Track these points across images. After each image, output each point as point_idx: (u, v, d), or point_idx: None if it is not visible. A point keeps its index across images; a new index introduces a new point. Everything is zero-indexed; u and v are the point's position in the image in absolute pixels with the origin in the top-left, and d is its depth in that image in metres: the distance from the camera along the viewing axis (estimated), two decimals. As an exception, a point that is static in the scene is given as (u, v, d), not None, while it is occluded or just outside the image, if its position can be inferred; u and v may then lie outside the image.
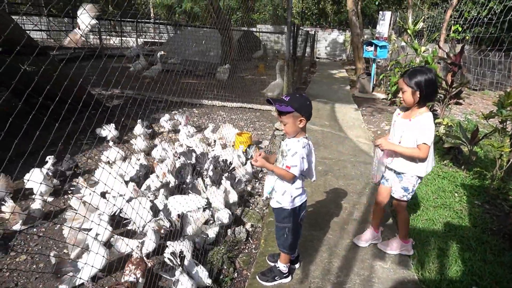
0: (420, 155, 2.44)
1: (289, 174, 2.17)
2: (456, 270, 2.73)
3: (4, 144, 1.57)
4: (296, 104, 2.13)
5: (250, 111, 7.60)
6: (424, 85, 2.36)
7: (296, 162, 2.15)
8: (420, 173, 2.56)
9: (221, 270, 2.64)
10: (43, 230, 3.08)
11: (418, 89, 2.38)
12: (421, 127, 2.41)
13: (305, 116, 2.17)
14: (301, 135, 2.24)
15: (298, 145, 2.18)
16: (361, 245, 2.99)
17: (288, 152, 2.19)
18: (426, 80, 2.36)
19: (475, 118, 7.66)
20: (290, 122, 2.17)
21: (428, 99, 2.44)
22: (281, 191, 2.28)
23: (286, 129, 2.22)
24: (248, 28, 15.81)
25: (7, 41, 1.78)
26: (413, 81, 2.38)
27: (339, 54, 23.93)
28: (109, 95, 7.61)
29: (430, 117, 2.43)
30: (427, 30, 10.52)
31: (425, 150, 2.41)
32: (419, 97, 2.40)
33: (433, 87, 2.41)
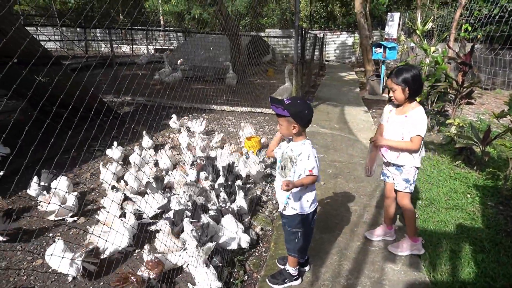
0: (413, 147, 2.60)
1: (314, 177, 2.18)
2: (469, 272, 2.69)
3: (20, 151, 1.63)
4: (292, 110, 2.13)
5: (259, 115, 7.63)
6: (412, 81, 2.53)
7: (313, 164, 2.17)
8: (417, 164, 2.69)
9: (231, 273, 2.66)
10: (58, 235, 3.15)
11: (407, 86, 2.54)
12: (414, 121, 2.58)
13: (299, 123, 2.17)
14: (303, 138, 2.25)
15: (307, 147, 2.20)
16: (373, 239, 3.07)
17: (299, 157, 2.19)
18: (412, 76, 2.53)
19: (488, 118, 7.54)
20: (284, 125, 2.22)
21: (416, 93, 2.62)
22: (297, 197, 2.28)
23: (280, 130, 2.28)
24: (256, 33, 15.90)
25: (24, 53, 1.85)
26: (400, 79, 2.55)
27: (348, 57, 23.83)
28: (120, 102, 7.75)
29: (422, 111, 2.61)
30: (437, 30, 10.42)
31: (418, 141, 2.57)
32: (408, 93, 2.57)
33: (419, 82, 2.58)
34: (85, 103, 1.79)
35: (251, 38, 12.51)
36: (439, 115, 6.43)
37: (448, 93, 6.33)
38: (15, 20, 3.42)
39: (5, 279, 2.59)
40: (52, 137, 1.66)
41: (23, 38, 3.72)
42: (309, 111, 2.18)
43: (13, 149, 1.61)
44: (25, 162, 1.63)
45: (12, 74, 1.80)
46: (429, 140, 5.99)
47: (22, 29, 4.24)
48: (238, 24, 13.87)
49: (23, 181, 3.70)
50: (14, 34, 3.52)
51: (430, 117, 6.58)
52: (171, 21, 26.64)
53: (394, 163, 2.76)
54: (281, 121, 2.22)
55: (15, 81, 1.74)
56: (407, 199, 2.83)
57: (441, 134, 6.21)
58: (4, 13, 3.49)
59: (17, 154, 1.63)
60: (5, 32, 2.63)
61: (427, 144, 5.65)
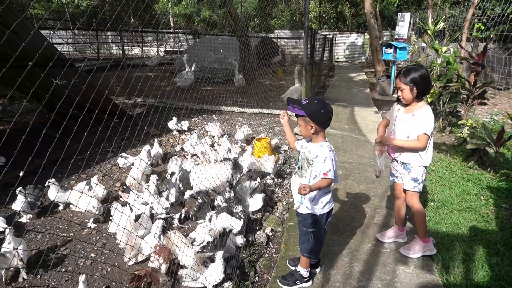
0: (419, 145, 2.61)
1: (329, 180, 2.17)
2: (482, 275, 2.65)
3: (36, 153, 1.67)
4: (309, 110, 2.14)
5: (269, 116, 7.64)
6: (420, 80, 2.55)
7: (330, 167, 2.16)
8: (424, 163, 2.69)
9: (243, 273, 2.67)
10: (72, 235, 3.20)
11: (415, 86, 2.56)
12: (421, 119, 2.59)
13: (316, 123, 2.16)
14: (321, 139, 2.24)
15: (325, 150, 2.19)
16: (384, 241, 3.05)
17: (316, 159, 2.19)
18: (420, 75, 2.54)
19: (501, 118, 7.42)
20: (302, 125, 2.24)
21: (424, 92, 2.64)
22: (311, 198, 2.28)
23: (300, 131, 2.29)
24: (266, 34, 15.92)
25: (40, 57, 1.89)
26: (409, 78, 2.56)
27: (358, 57, 23.71)
28: (132, 103, 7.84)
29: (430, 110, 2.62)
30: (449, 30, 10.27)
31: (424, 140, 2.58)
32: (416, 92, 2.59)
33: (427, 81, 2.60)
34: (100, 105, 1.82)
35: (260, 39, 12.52)
36: (451, 115, 6.36)
37: (460, 93, 6.25)
38: (29, 24, 3.50)
39: (21, 278, 2.64)
40: (69, 138, 1.69)
41: (38, 41, 3.81)
42: (326, 111, 2.17)
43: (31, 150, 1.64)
44: (43, 163, 1.66)
45: (28, 77, 1.84)
46: (441, 141, 5.92)
47: (37, 33, 4.33)
48: (248, 26, 13.90)
49: (41, 182, 3.76)
50: (31, 38, 3.60)
51: (441, 118, 6.50)
52: (181, 23, 26.83)
53: (399, 159, 2.80)
54: (299, 121, 2.24)
55: (31, 84, 1.78)
56: (416, 198, 2.82)
57: (453, 135, 6.14)
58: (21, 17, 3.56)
59: (34, 155, 1.67)
60: (22, 36, 2.69)
61: (439, 145, 5.59)
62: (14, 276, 2.62)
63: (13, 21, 2.62)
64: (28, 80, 1.78)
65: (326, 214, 2.33)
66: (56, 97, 1.93)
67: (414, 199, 2.83)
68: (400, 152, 2.77)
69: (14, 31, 3.60)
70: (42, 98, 5.02)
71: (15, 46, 1.96)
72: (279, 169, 4.64)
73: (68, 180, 4.19)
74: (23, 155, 1.65)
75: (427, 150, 2.66)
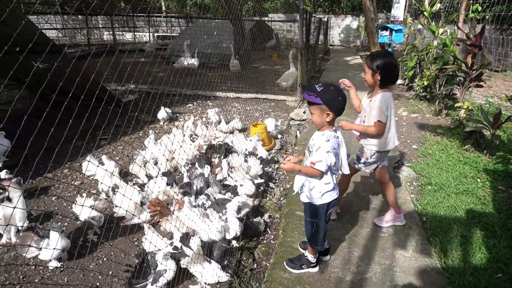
0: (372, 131, 2.66)
1: (315, 170, 2.10)
2: (480, 257, 2.66)
3: (21, 142, 1.59)
4: (325, 97, 2.04)
5: (264, 101, 7.55)
6: (383, 67, 2.56)
7: (320, 157, 2.08)
8: (375, 148, 2.75)
9: (240, 261, 2.65)
10: (66, 224, 3.15)
11: (378, 71, 2.58)
12: (375, 106, 2.63)
13: (333, 111, 2.08)
14: (327, 128, 2.16)
15: (322, 139, 2.11)
16: (382, 225, 3.06)
17: (313, 148, 2.14)
18: (385, 63, 2.55)
19: (497, 101, 7.40)
20: (316, 114, 2.12)
21: (388, 81, 2.63)
22: (311, 186, 2.23)
23: (313, 119, 2.17)
24: (260, 18, 15.63)
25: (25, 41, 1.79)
26: (374, 63, 2.58)
27: (353, 41, 23.47)
28: (124, 90, 7.69)
29: (384, 96, 2.61)
30: (445, 11, 10.13)
31: (378, 127, 2.62)
32: (379, 79, 2.59)
33: (392, 70, 2.60)
34: (86, 90, 1.73)
35: (254, 23, 12.29)
36: (447, 98, 6.32)
37: (456, 75, 6.19)
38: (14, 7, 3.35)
39: (15, 270, 2.60)
40: (53, 126, 1.61)
41: (25, 27, 3.66)
42: (343, 98, 2.08)
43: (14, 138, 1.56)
44: (24, 153, 1.59)
45: (14, 63, 1.75)
46: (437, 124, 5.89)
47: (21, 16, 4.17)
48: (241, 9, 13.63)
49: (27, 171, 3.69)
50: (14, 21, 3.46)
51: (438, 101, 6.46)
52: (173, 7, 26.28)
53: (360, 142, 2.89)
54: (313, 110, 2.12)
55: (18, 70, 1.69)
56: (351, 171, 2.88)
57: (450, 118, 6.11)
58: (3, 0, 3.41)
59: (19, 144, 1.59)
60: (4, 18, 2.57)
61: (435, 128, 5.56)
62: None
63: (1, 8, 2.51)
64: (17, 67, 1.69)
65: (327, 204, 2.26)
66: (43, 82, 1.84)
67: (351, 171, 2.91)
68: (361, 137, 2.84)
69: None
70: (31, 85, 4.88)
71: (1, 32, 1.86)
72: (276, 154, 4.59)
73: (61, 169, 4.10)
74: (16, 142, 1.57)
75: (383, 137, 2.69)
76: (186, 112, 6.56)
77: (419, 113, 6.59)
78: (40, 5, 14.10)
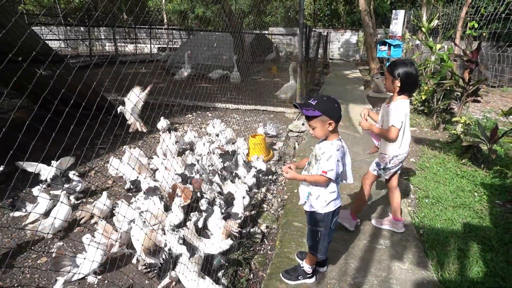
0: (388, 135, 2.74)
1: (324, 178, 2.12)
2: (477, 271, 2.65)
3: (22, 148, 1.61)
4: (323, 108, 2.08)
5: (264, 113, 7.60)
6: (403, 75, 2.65)
7: (332, 166, 2.11)
8: (392, 152, 2.85)
9: (236, 271, 2.64)
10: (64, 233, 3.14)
11: (398, 79, 2.67)
12: (391, 111, 2.72)
13: (334, 119, 2.11)
14: (334, 137, 2.18)
15: (332, 148, 2.13)
16: (378, 226, 3.22)
17: (322, 156, 2.15)
18: (406, 71, 2.64)
19: (494, 116, 7.46)
20: (318, 126, 2.13)
21: (408, 89, 2.73)
22: (316, 195, 2.24)
23: (315, 133, 2.17)
24: (260, 31, 15.84)
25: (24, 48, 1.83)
26: (394, 71, 2.68)
27: (352, 55, 23.74)
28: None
29: (402, 103, 2.71)
30: (442, 27, 10.31)
31: (392, 131, 2.71)
32: (399, 86, 2.69)
33: (411, 78, 2.67)
34: (86, 98, 1.76)
35: (255, 36, 12.45)
36: (445, 112, 6.37)
37: (454, 90, 6.27)
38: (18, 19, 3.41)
39: (9, 277, 2.58)
40: (54, 133, 1.63)
41: (28, 37, 3.73)
42: (338, 105, 2.13)
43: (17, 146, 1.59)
44: (24, 159, 1.60)
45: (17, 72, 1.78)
46: (435, 138, 5.93)
47: (25, 27, 4.24)
48: (242, 22, 13.82)
49: (26, 179, 3.69)
50: (17, 31, 3.52)
51: (435, 115, 6.52)
52: (174, 19, 26.64)
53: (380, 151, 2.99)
54: (314, 123, 2.13)
55: (21, 78, 1.72)
56: (369, 180, 3.07)
57: (447, 132, 6.15)
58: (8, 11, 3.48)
59: (20, 151, 1.61)
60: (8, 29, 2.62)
61: (433, 142, 5.60)
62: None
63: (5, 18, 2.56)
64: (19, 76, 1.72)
65: (332, 213, 2.27)
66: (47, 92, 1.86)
67: (366, 180, 3.08)
68: (379, 140, 2.97)
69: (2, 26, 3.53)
70: (32, 94, 4.93)
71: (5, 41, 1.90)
72: (274, 166, 4.60)
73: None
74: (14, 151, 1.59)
75: (397, 141, 2.79)
76: (185, 123, 6.59)
77: (417, 127, 6.63)
78: (43, 16, 14.29)
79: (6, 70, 1.71)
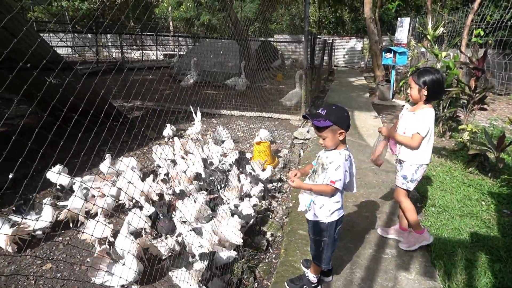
0: (411, 143, 2.69)
1: (331, 188, 2.11)
2: (485, 282, 2.61)
3: (30, 155, 1.63)
4: (333, 117, 2.07)
5: (268, 120, 7.61)
6: (430, 84, 2.60)
7: (340, 176, 2.09)
8: (418, 162, 2.77)
9: (241, 280, 2.62)
10: (68, 239, 3.15)
11: (425, 87, 2.61)
12: (417, 119, 2.67)
13: (344, 128, 2.10)
14: (342, 147, 2.18)
15: (341, 158, 2.12)
16: (384, 236, 3.15)
17: (330, 165, 2.13)
18: (433, 80, 2.59)
19: (501, 124, 7.41)
20: (329, 136, 2.11)
21: (434, 97, 2.70)
22: (319, 205, 2.22)
23: (325, 143, 2.16)
24: (265, 38, 15.94)
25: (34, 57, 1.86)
26: (421, 79, 2.62)
27: (357, 62, 23.76)
28: (130, 106, 7.80)
29: (429, 112, 2.66)
30: (448, 35, 10.30)
31: (416, 139, 2.66)
32: (426, 94, 2.63)
33: (438, 86, 2.64)
34: (95, 106, 1.78)
35: (260, 43, 12.53)
36: (451, 120, 6.34)
37: (460, 98, 6.24)
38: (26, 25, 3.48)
39: (14, 284, 2.59)
40: (62, 140, 1.65)
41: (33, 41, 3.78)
42: (347, 113, 2.13)
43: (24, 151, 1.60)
44: (34, 166, 1.62)
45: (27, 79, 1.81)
46: (441, 146, 5.89)
47: (34, 34, 4.31)
48: (247, 30, 13.91)
49: (33, 185, 3.73)
50: (27, 39, 3.58)
51: (441, 123, 6.48)
52: (181, 27, 26.88)
53: (399, 158, 2.89)
54: (325, 133, 2.11)
55: (31, 86, 1.74)
56: (402, 195, 2.94)
57: (454, 140, 6.11)
58: (18, 19, 3.54)
59: (28, 157, 1.62)
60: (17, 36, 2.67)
61: (439, 150, 5.56)
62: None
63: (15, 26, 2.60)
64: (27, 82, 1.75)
65: (335, 222, 2.25)
66: (54, 99, 1.89)
67: (400, 196, 2.95)
68: (399, 148, 2.87)
69: (13, 34, 3.59)
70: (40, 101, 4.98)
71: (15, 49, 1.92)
72: (279, 173, 4.60)
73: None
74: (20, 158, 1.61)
75: (422, 150, 2.73)
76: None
77: (422, 135, 6.59)
78: (52, 24, 14.51)
79: (16, 77, 1.74)
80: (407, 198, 2.96)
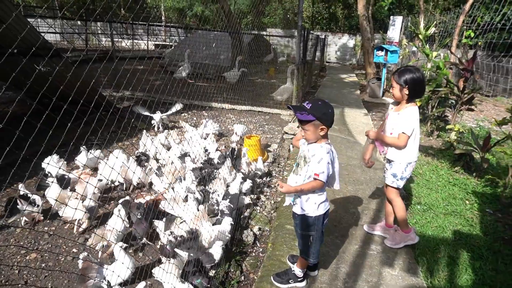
0: (398, 143, 2.73)
1: (319, 182, 2.12)
2: (466, 279, 2.68)
3: (17, 144, 1.60)
4: (317, 113, 2.08)
5: (259, 114, 7.61)
6: (411, 82, 2.63)
7: (323, 168, 2.11)
8: (405, 160, 2.80)
9: (227, 273, 2.64)
10: (53, 229, 3.11)
11: (406, 86, 2.65)
12: (402, 119, 2.70)
13: (326, 124, 2.12)
14: (323, 141, 2.20)
15: (323, 151, 2.14)
16: (370, 232, 3.21)
17: (312, 158, 2.15)
18: (413, 78, 2.63)
19: (487, 124, 7.55)
20: (311, 130, 2.14)
21: (416, 95, 2.71)
22: (305, 198, 2.24)
23: (306, 136, 2.19)
24: (258, 32, 15.85)
25: (25, 44, 1.81)
26: (402, 79, 2.66)
27: (349, 59, 23.86)
28: (120, 96, 7.69)
29: (413, 110, 2.70)
30: (439, 35, 10.41)
31: (402, 138, 2.70)
32: (407, 93, 2.67)
33: (419, 85, 2.68)
34: (85, 95, 1.75)
35: (253, 36, 12.46)
36: (439, 120, 6.43)
37: (449, 98, 6.33)
38: (15, 10, 3.38)
39: (-2, 272, 2.56)
40: (51, 129, 1.62)
41: (24, 28, 3.69)
42: (332, 110, 2.14)
43: (10, 140, 1.57)
44: (22, 154, 1.59)
45: (13, 65, 1.77)
46: (428, 145, 5.98)
47: (21, 18, 4.19)
48: (240, 22, 13.81)
49: (19, 174, 3.65)
50: (14, 23, 3.48)
51: (430, 122, 6.58)
52: (173, 17, 26.55)
53: (386, 157, 2.93)
54: (307, 127, 2.14)
55: (19, 73, 1.70)
56: (394, 193, 2.97)
57: (441, 139, 6.21)
58: (5, 3, 3.44)
59: (15, 146, 1.59)
60: (5, 20, 2.59)
61: (426, 149, 5.64)
62: None
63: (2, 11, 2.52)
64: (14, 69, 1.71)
65: (322, 216, 2.28)
66: (41, 86, 1.85)
67: (392, 194, 2.98)
68: (386, 148, 2.90)
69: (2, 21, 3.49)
70: (29, 88, 4.87)
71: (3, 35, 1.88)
72: (269, 167, 4.61)
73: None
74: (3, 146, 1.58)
75: (409, 148, 2.76)
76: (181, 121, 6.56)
77: (411, 133, 6.68)
78: (39, 9, 14.15)
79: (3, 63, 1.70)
80: (399, 197, 2.99)
